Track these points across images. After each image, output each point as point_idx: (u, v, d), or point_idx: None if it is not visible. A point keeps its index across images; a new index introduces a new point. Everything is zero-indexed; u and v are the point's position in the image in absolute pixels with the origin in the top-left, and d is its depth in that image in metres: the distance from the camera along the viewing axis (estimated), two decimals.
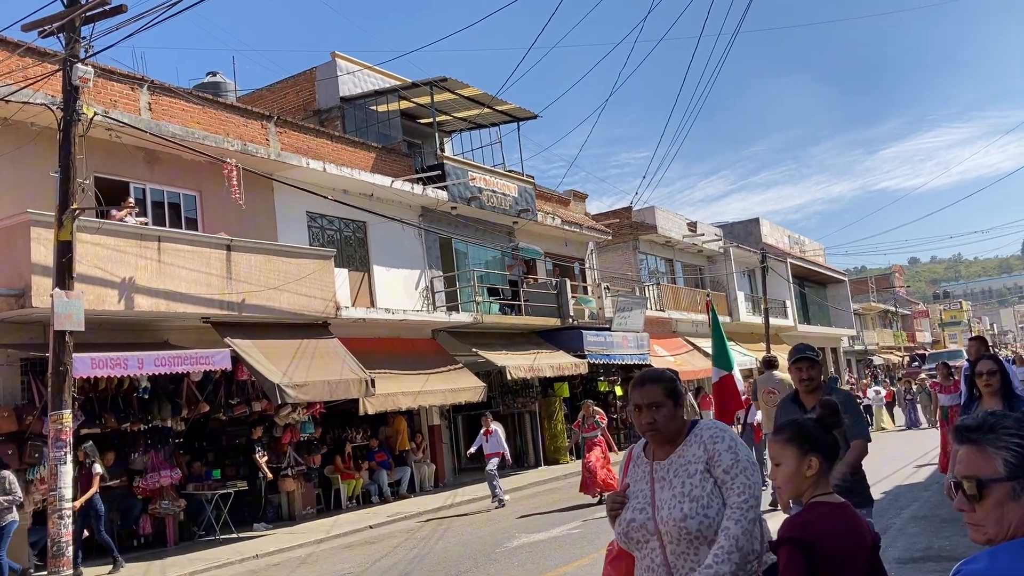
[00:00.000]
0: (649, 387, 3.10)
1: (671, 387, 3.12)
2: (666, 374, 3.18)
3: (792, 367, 5.55)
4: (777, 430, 3.03)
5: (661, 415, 3.05)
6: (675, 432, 3.09)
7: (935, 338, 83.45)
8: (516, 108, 23.75)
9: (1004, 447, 1.85)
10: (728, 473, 2.91)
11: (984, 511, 1.84)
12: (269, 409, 15.42)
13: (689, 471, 2.98)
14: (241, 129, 16.59)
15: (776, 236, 45.55)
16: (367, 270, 19.43)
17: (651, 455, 3.15)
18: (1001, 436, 1.87)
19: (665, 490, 3.02)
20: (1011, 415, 1.93)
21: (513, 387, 22.63)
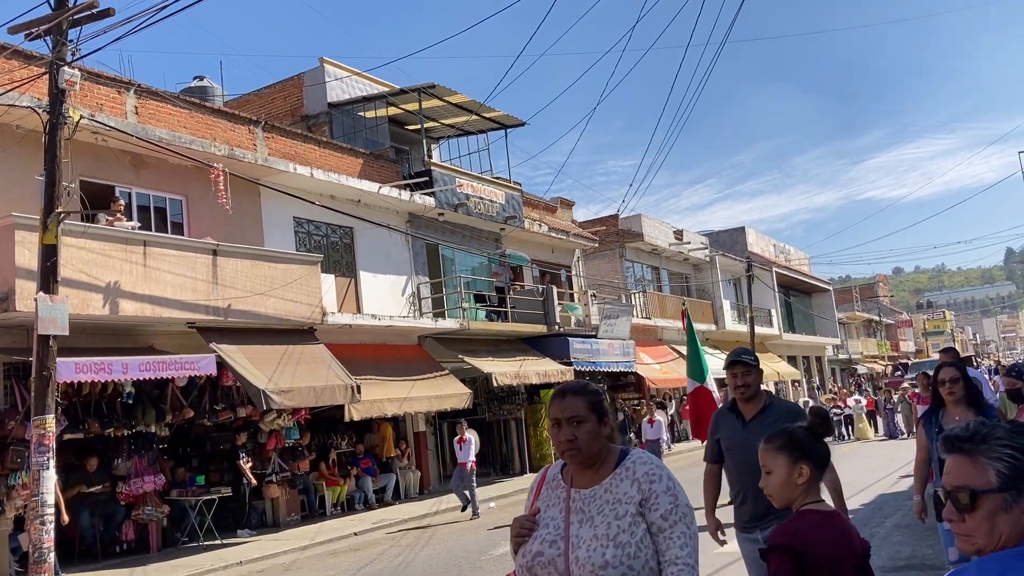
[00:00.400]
0: (571, 399, 2.73)
1: (595, 401, 2.75)
2: (590, 386, 2.82)
3: (727, 373, 5.08)
4: (768, 438, 3.04)
5: (583, 432, 2.67)
6: (597, 454, 2.71)
7: (918, 347, 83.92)
8: (504, 115, 23.78)
9: (997, 458, 1.84)
10: (666, 520, 2.54)
11: (975, 522, 1.83)
12: (254, 415, 15.35)
13: (617, 511, 2.58)
14: (228, 134, 16.54)
15: (762, 245, 45.76)
16: (354, 276, 19.39)
17: (569, 479, 2.76)
18: (994, 447, 1.86)
19: (584, 526, 2.62)
20: (1002, 425, 1.93)
21: (499, 394, 22.61)
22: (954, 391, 5.51)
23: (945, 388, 5.53)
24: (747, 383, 4.97)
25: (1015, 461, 1.82)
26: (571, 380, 4.22)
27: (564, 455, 2.73)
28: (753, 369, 4.99)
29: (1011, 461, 1.82)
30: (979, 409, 5.36)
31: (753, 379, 4.98)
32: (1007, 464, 1.82)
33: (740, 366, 5.00)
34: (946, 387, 5.52)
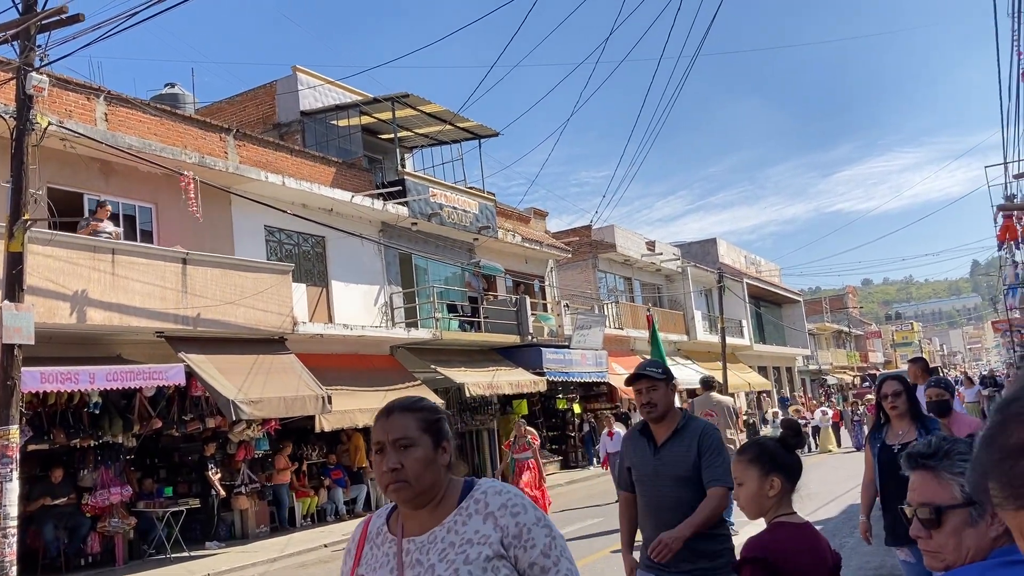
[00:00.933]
0: (398, 418, 2.13)
1: (430, 420, 2.16)
2: (424, 402, 2.22)
3: (632, 389, 4.34)
4: (741, 450, 3.05)
5: (412, 460, 2.07)
6: (431, 488, 2.11)
7: (887, 358, 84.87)
8: (478, 125, 23.80)
9: (960, 472, 1.85)
10: (548, 557, 2.04)
11: (942, 538, 1.84)
12: (223, 425, 15.18)
13: (467, 555, 2.02)
14: (199, 142, 16.41)
15: (733, 256, 46.09)
16: (325, 285, 19.27)
17: (399, 527, 2.16)
18: (956, 462, 1.87)
19: None
20: (962, 440, 1.95)
21: (472, 404, 22.55)
22: (896, 405, 5.19)
23: (888, 402, 5.23)
24: (652, 400, 4.17)
25: None
26: (403, 396, 2.42)
27: (388, 490, 2.10)
28: (660, 383, 4.19)
29: None
30: (923, 423, 5.11)
31: (660, 395, 4.19)
32: None
33: (644, 380, 4.21)
34: (888, 401, 5.22)
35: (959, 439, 1.96)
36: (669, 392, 4.23)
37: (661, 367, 4.30)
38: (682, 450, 4.11)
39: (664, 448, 4.18)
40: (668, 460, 4.13)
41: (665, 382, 4.21)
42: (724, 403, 12.17)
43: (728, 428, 11.79)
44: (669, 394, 4.22)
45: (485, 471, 23.29)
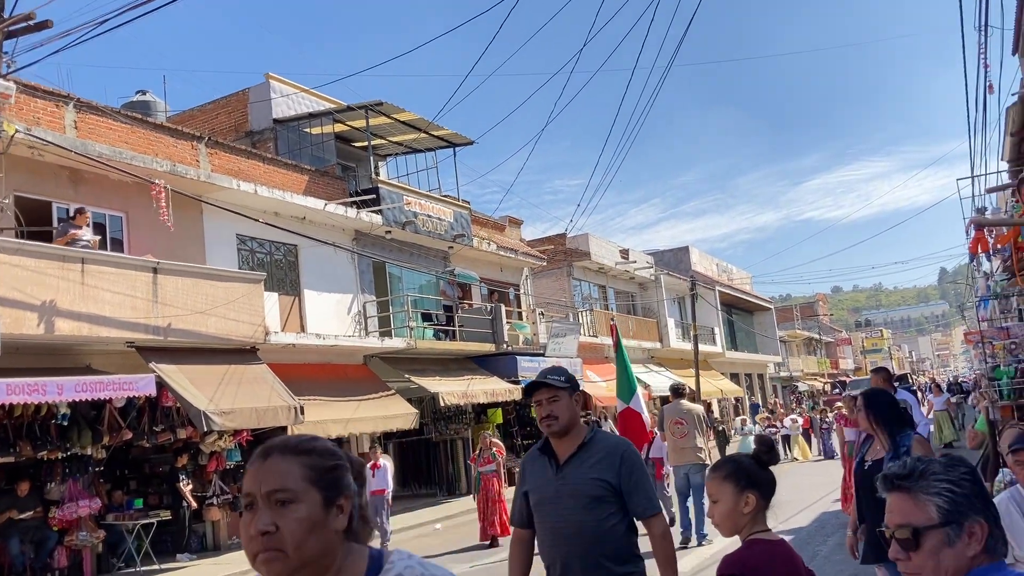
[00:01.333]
0: (277, 463, 1.61)
1: (322, 468, 1.62)
2: (316, 443, 1.67)
3: (532, 400, 3.77)
4: (715, 467, 3.04)
5: (291, 521, 1.55)
6: (317, 560, 1.57)
7: (857, 365, 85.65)
8: (452, 134, 23.77)
9: (936, 493, 1.86)
10: None
11: (920, 559, 1.85)
12: (194, 436, 15.00)
13: None
14: (170, 149, 16.25)
15: (705, 264, 46.37)
16: (298, 294, 19.14)
17: None
18: (931, 482, 1.88)
19: None
20: (937, 460, 1.96)
21: (446, 413, 22.48)
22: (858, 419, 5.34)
23: None
24: (554, 413, 3.61)
25: (953, 495, 1.85)
26: (290, 435, 1.81)
27: (256, 561, 1.57)
28: (563, 393, 3.64)
29: (949, 495, 1.85)
30: (892, 438, 4.83)
31: (563, 407, 3.63)
32: (946, 499, 1.84)
33: (544, 389, 3.66)
34: None
35: (934, 459, 1.97)
36: (573, 403, 3.68)
37: (564, 374, 3.74)
38: (588, 468, 3.58)
39: (568, 466, 3.62)
40: (572, 480, 3.58)
41: (568, 391, 3.66)
42: (694, 411, 12.00)
43: (698, 436, 11.70)
44: (573, 405, 3.68)
45: (459, 481, 23.21)
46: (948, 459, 1.95)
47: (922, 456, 2.00)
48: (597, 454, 3.61)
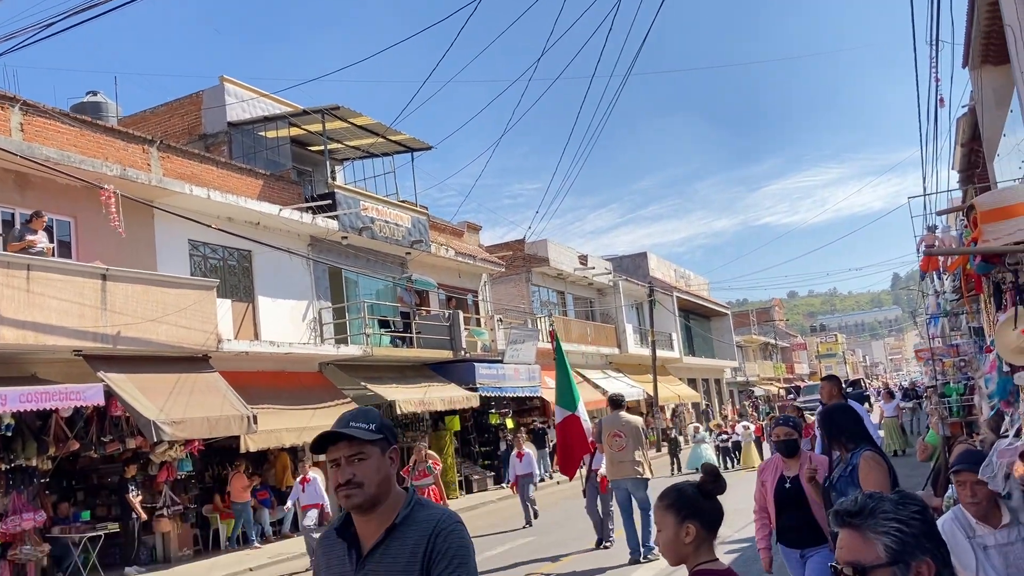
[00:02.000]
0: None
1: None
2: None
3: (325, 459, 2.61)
4: (660, 495, 3.00)
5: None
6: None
7: (812, 369, 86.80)
8: (410, 139, 23.63)
9: (884, 532, 1.85)
10: None
11: None
12: (144, 446, 14.70)
13: None
14: (121, 153, 15.92)
15: (663, 270, 46.68)
16: (251, 301, 18.85)
17: None
18: (880, 520, 1.86)
19: None
20: (888, 498, 1.93)
21: (403, 421, 22.31)
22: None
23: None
24: (356, 478, 2.47)
25: (901, 535, 1.83)
26: None
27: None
28: (370, 449, 2.50)
29: (897, 535, 1.83)
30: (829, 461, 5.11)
31: (369, 468, 2.49)
32: (894, 538, 1.83)
33: (342, 445, 2.50)
34: None
35: (885, 497, 1.94)
36: (387, 463, 2.53)
37: (374, 421, 2.55)
38: (401, 562, 2.44)
39: (371, 561, 2.48)
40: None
41: (380, 446, 2.51)
42: (633, 423, 11.32)
43: (637, 450, 11.13)
44: (387, 466, 2.52)
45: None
46: (900, 496, 1.92)
47: (874, 493, 1.97)
48: (410, 542, 2.46)
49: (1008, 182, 12.69)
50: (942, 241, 4.87)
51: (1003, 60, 11.63)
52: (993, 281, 3.46)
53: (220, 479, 17.38)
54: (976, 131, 14.75)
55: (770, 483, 5.60)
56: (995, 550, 3.58)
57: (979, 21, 11.69)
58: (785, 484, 5.48)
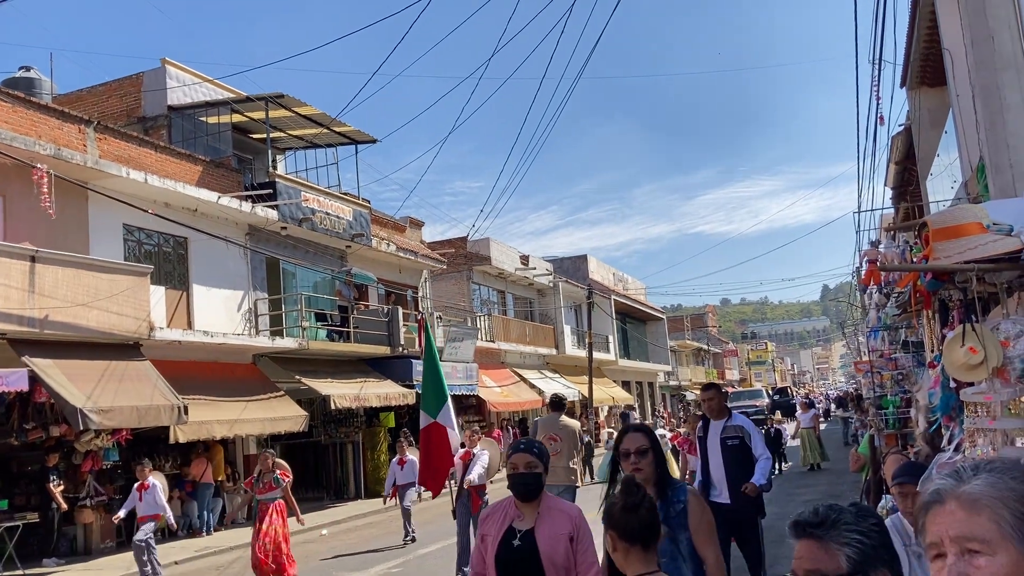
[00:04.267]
0: None
1: None
2: None
3: None
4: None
5: None
6: None
7: (742, 376, 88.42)
8: (355, 131, 23.40)
9: (846, 543, 1.86)
10: None
11: None
12: (69, 434, 14.28)
13: None
14: (56, 132, 15.44)
15: (602, 273, 47.04)
16: (186, 289, 18.45)
17: None
18: (843, 532, 1.88)
19: None
20: (848, 509, 1.95)
21: (337, 416, 22.08)
22: (640, 467, 3.90)
23: (629, 463, 3.93)
24: None
25: (862, 546, 1.85)
26: None
27: None
28: None
29: (859, 546, 1.85)
30: (662, 490, 3.90)
31: None
32: (855, 549, 1.84)
33: None
34: (631, 461, 3.92)
35: (845, 509, 1.95)
36: None
37: None
38: None
39: None
40: None
41: None
42: (571, 428, 10.68)
43: (572, 456, 10.45)
44: None
45: (348, 483, 22.82)
46: (858, 509, 1.94)
47: (834, 504, 1.98)
48: None
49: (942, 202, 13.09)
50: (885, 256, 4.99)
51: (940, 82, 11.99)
52: (940, 298, 3.55)
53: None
54: (911, 150, 15.17)
55: (492, 539, 3.85)
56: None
57: (919, 43, 12.03)
58: (513, 541, 3.78)
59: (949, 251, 2.97)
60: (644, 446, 3.96)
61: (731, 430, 7.29)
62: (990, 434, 3.04)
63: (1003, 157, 4.56)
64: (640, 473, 3.84)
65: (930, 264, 3.02)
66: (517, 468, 3.84)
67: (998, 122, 4.62)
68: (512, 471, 3.85)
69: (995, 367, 2.98)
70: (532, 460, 3.86)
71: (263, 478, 11.23)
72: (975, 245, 2.94)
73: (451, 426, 8.85)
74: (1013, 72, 4.65)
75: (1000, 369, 2.99)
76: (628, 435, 4.06)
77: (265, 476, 11.23)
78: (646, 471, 3.88)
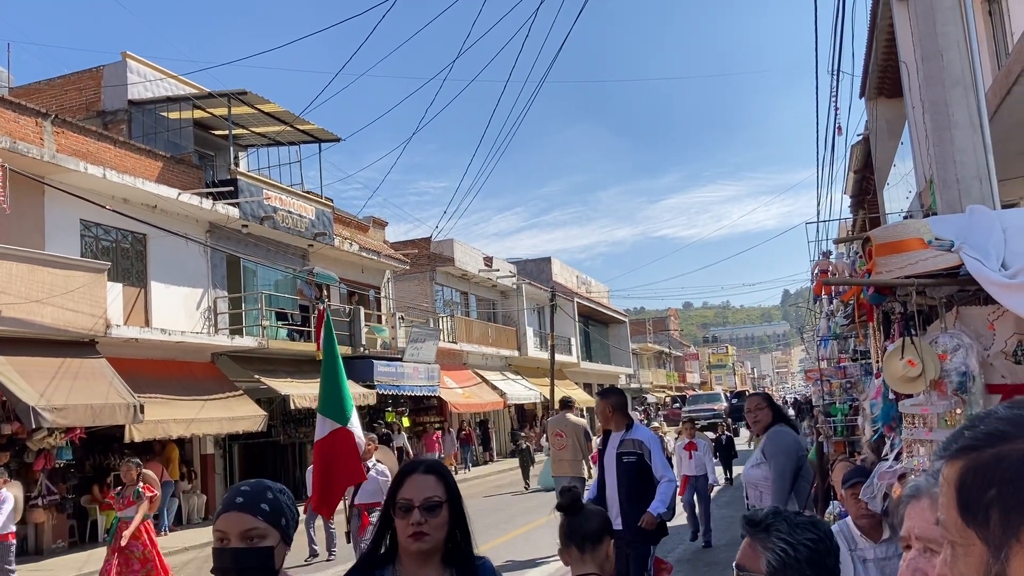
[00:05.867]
0: None
1: None
2: None
3: None
4: None
5: None
6: None
7: (703, 379, 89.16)
8: (319, 129, 23.27)
9: (770, 548, 1.92)
10: None
11: None
12: (21, 432, 14.04)
13: None
14: (11, 125, 15.17)
15: (565, 276, 47.21)
16: (144, 286, 18.22)
17: None
18: (772, 537, 1.93)
19: None
20: (790, 519, 1.99)
21: (296, 416, 21.93)
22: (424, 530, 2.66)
23: None
24: None
25: (784, 556, 1.90)
26: None
27: None
28: None
29: (781, 555, 1.90)
30: None
31: None
32: (776, 556, 1.90)
33: None
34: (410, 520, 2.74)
35: (790, 516, 2.00)
36: None
37: None
38: None
39: None
40: None
41: None
42: (578, 425, 11.66)
43: (577, 450, 11.45)
44: None
45: (306, 486, 22.61)
46: (804, 521, 1.98)
47: (781, 511, 2.03)
48: None
49: (895, 214, 13.33)
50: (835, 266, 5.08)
51: (897, 94, 12.23)
52: (883, 311, 3.63)
53: (101, 469, 16.74)
54: (869, 159, 15.46)
55: None
56: (873, 563, 3.76)
57: (877, 55, 12.26)
58: None
59: (891, 266, 3.04)
60: (436, 498, 2.48)
61: (628, 444, 6.13)
62: (927, 444, 3.13)
63: (950, 173, 4.68)
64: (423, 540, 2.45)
65: (872, 279, 3.09)
66: (225, 538, 2.20)
67: (946, 138, 4.74)
68: (217, 542, 2.22)
69: (932, 380, 3.06)
70: (256, 527, 2.19)
71: (124, 493, 9.75)
72: (916, 260, 3.02)
73: (358, 434, 7.21)
74: (961, 90, 4.78)
75: (937, 382, 3.07)
76: (411, 478, 2.52)
77: (127, 491, 9.74)
78: (434, 535, 2.46)
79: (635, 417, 6.73)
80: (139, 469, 9.99)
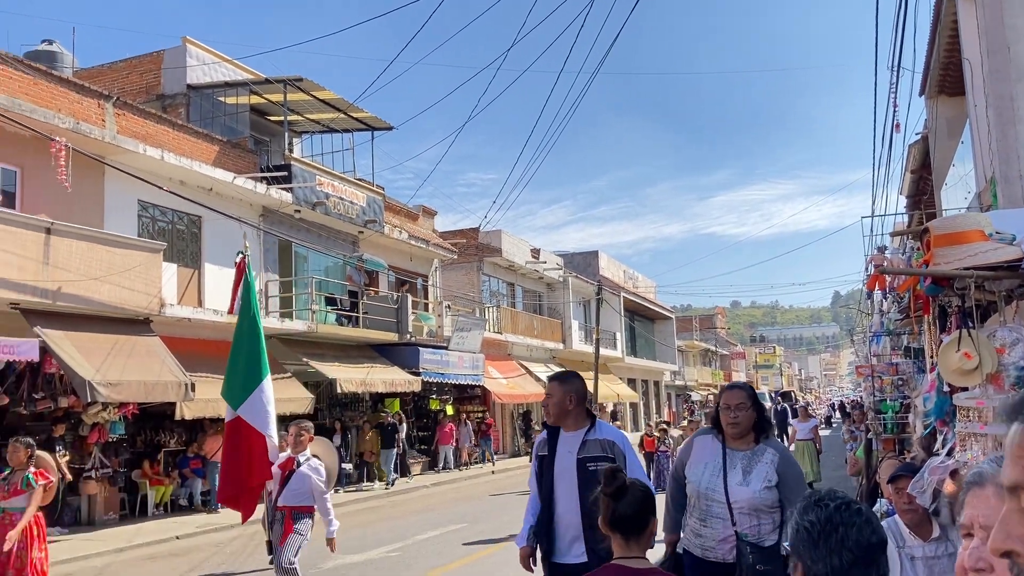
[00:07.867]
0: None
1: None
2: None
3: None
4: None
5: None
6: None
7: (749, 379, 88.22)
8: (372, 117, 23.46)
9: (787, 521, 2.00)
10: None
11: None
12: (76, 406, 14.42)
13: None
14: (75, 106, 15.55)
15: (612, 270, 47.03)
16: (198, 267, 18.57)
17: None
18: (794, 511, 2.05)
19: None
20: (813, 501, 2.04)
21: (343, 400, 22.20)
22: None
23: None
24: None
25: (795, 533, 1.97)
26: None
27: None
28: None
29: (793, 531, 1.98)
30: None
31: None
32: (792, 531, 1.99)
33: None
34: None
35: (821, 500, 2.01)
36: None
37: None
38: None
39: None
40: None
41: None
42: None
43: None
44: None
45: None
46: (808, 505, 1.98)
47: (832, 492, 2.04)
48: None
49: (953, 210, 13.05)
50: (891, 262, 5.00)
51: (958, 92, 11.97)
52: (939, 304, 3.58)
53: (152, 444, 17.13)
54: (927, 159, 15.14)
55: None
56: (921, 562, 3.71)
57: (939, 52, 12.00)
58: None
59: (950, 257, 3.00)
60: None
61: (594, 447, 4.57)
62: (982, 439, 3.08)
63: (1013, 168, 4.58)
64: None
65: (930, 269, 3.05)
66: None
67: (1010, 133, 4.64)
68: None
69: (989, 373, 3.01)
70: None
71: (12, 478, 7.63)
72: (975, 252, 2.97)
73: (264, 425, 6.06)
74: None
75: (995, 375, 3.03)
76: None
77: (15, 475, 7.62)
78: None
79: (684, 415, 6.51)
80: (30, 450, 7.72)
